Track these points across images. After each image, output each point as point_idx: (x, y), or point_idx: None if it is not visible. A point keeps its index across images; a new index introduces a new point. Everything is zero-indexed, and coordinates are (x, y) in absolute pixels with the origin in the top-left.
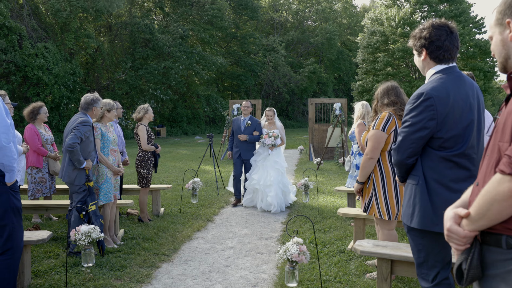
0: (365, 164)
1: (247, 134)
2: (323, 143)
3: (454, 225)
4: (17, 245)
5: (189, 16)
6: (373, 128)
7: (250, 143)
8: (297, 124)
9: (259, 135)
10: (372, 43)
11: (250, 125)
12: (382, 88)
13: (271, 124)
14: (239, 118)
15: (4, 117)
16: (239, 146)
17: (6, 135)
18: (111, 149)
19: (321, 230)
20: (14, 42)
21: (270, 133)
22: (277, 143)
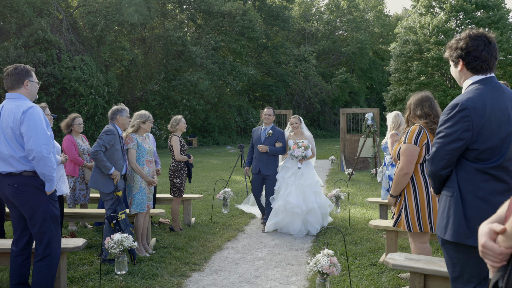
0: (400, 179)
1: (267, 145)
2: (354, 153)
3: (489, 241)
4: (55, 252)
5: (220, 27)
6: (404, 141)
7: (271, 156)
8: (328, 134)
9: (283, 147)
10: (405, 52)
11: (271, 135)
12: (416, 99)
13: (298, 134)
14: (259, 128)
15: (45, 129)
16: (258, 160)
17: (47, 146)
18: (147, 159)
19: (352, 242)
20: (53, 56)
21: (300, 143)
22: (307, 154)
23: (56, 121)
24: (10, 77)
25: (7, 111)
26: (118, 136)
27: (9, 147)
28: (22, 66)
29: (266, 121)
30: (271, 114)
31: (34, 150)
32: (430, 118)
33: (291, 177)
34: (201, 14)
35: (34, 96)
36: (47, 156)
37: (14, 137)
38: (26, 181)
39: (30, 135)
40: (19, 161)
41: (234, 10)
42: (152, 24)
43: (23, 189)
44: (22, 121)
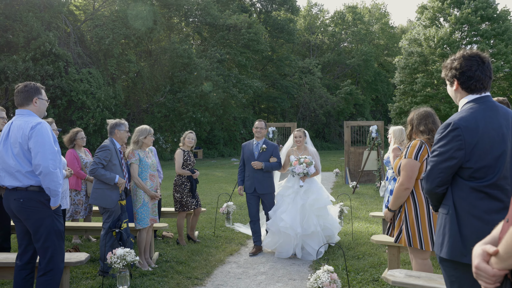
0: (400, 194)
1: (262, 161)
2: (359, 166)
3: (483, 262)
4: (58, 267)
5: (226, 40)
6: (405, 156)
7: (266, 173)
8: (333, 146)
9: (278, 162)
10: (410, 64)
11: (265, 150)
12: (419, 114)
13: (301, 149)
14: (251, 143)
15: (52, 144)
16: (252, 178)
17: (53, 161)
18: (150, 174)
19: (354, 256)
20: (61, 68)
21: (301, 159)
22: (310, 171)
23: (62, 133)
24: (20, 94)
25: (16, 126)
26: (115, 151)
27: (17, 162)
28: (32, 84)
29: (258, 135)
30: (263, 127)
31: (41, 165)
32: (432, 133)
33: (291, 195)
34: (207, 27)
35: (43, 113)
36: (54, 171)
37: (22, 152)
38: (32, 196)
39: (38, 150)
40: (25, 176)
41: (239, 23)
42: (158, 37)
43: (29, 204)
44: (30, 137)
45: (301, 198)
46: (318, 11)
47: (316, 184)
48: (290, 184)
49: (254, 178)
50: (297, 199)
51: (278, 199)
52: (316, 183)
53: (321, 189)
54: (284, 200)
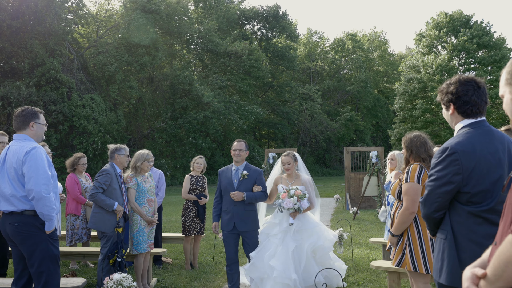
0: (405, 219)
1: (243, 190)
2: (359, 192)
3: (472, 286)
4: None
5: (227, 67)
6: (406, 181)
7: (249, 205)
8: (334, 172)
9: (263, 192)
10: (409, 90)
11: (247, 177)
12: (419, 140)
13: (292, 177)
14: (229, 169)
15: (46, 169)
16: (231, 212)
17: (46, 186)
18: (148, 198)
19: (355, 283)
20: (63, 94)
21: (292, 191)
22: (302, 206)
23: (63, 158)
24: (17, 119)
25: (12, 151)
26: (115, 175)
27: (12, 187)
28: (29, 108)
29: (237, 158)
30: (242, 149)
31: (33, 190)
32: (430, 159)
33: (279, 235)
34: (208, 54)
35: (41, 137)
36: (46, 196)
37: (17, 177)
38: (27, 220)
39: (31, 175)
40: (20, 200)
41: (240, 50)
42: (160, 64)
43: (24, 228)
44: (24, 162)
45: (292, 239)
46: (318, 39)
47: (311, 222)
48: (277, 221)
49: (234, 212)
50: (287, 240)
51: (262, 238)
52: (310, 220)
53: (318, 228)
54: (270, 241)
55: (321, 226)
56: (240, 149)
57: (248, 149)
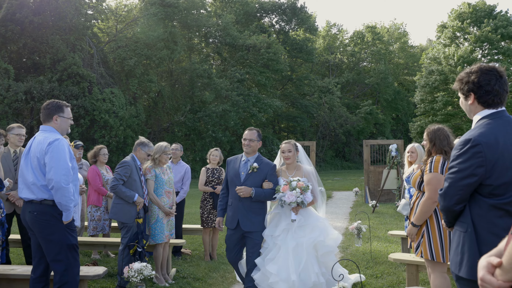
0: (427, 208)
1: (250, 185)
2: (378, 185)
3: (487, 274)
4: (74, 279)
5: (245, 60)
6: (430, 171)
7: (256, 203)
8: (353, 165)
9: (273, 189)
10: (430, 82)
11: (256, 170)
12: (442, 133)
13: (293, 168)
14: (238, 158)
15: (67, 161)
16: (236, 208)
17: (66, 177)
18: (166, 190)
19: (373, 275)
20: (84, 89)
21: (294, 182)
22: (306, 199)
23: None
24: (43, 111)
25: (37, 141)
26: (135, 167)
27: (33, 175)
28: (54, 102)
29: (247, 149)
30: (253, 139)
31: (53, 180)
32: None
33: (281, 235)
34: (227, 47)
35: (65, 130)
36: (65, 187)
37: (39, 166)
38: (45, 209)
39: (52, 165)
40: (40, 189)
41: (259, 43)
42: (179, 58)
43: (42, 217)
44: (46, 152)
45: (293, 236)
46: (338, 31)
47: (313, 216)
48: (280, 218)
49: (239, 208)
50: (288, 238)
51: (267, 240)
52: (313, 215)
53: (321, 223)
54: (274, 243)
55: (325, 222)
56: (251, 138)
57: (261, 138)
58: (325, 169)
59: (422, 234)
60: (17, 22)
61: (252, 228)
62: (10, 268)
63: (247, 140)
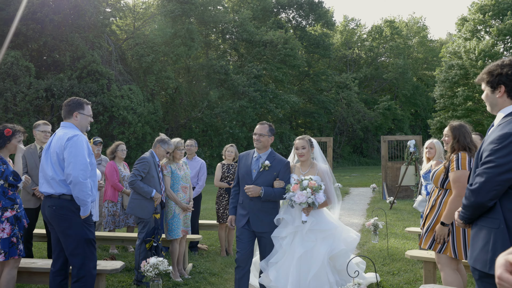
0: (458, 206)
1: (261, 184)
2: (396, 181)
3: (505, 272)
4: (90, 273)
5: (262, 56)
6: (457, 168)
7: (267, 203)
8: (371, 161)
9: (285, 188)
10: (450, 77)
11: (268, 168)
12: (465, 129)
13: (307, 165)
14: (250, 154)
15: (85, 156)
16: (247, 207)
17: (83, 172)
18: (182, 185)
19: (389, 272)
20: (103, 86)
21: (305, 181)
22: (318, 200)
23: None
24: (64, 108)
25: (57, 137)
26: (153, 163)
27: (53, 170)
28: (75, 99)
29: (257, 144)
30: (263, 134)
31: (71, 175)
32: (472, 149)
33: (287, 238)
34: (243, 43)
35: (84, 127)
36: (83, 182)
37: (58, 161)
38: (64, 204)
39: (70, 160)
40: (59, 184)
41: (276, 39)
42: (196, 54)
43: (60, 212)
44: (65, 147)
45: (302, 241)
46: (355, 26)
47: (326, 221)
48: (290, 218)
49: (250, 207)
50: (296, 243)
51: (274, 243)
52: (325, 219)
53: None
54: (279, 245)
55: (339, 228)
56: (261, 133)
57: (274, 133)
58: (343, 165)
59: (448, 232)
60: (38, 21)
61: (263, 228)
62: (32, 261)
63: (257, 135)
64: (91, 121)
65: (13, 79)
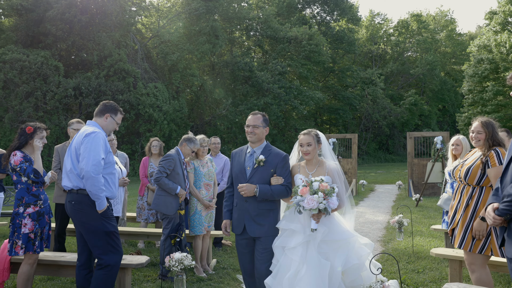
0: None
1: (257, 182)
2: (423, 178)
3: None
4: (115, 263)
5: (287, 52)
6: (499, 163)
7: (263, 203)
8: (398, 158)
9: (286, 185)
10: (479, 71)
11: (263, 163)
12: (495, 125)
13: (314, 164)
14: (243, 151)
15: (99, 152)
16: (241, 210)
17: (95, 167)
18: (204, 183)
19: (414, 270)
20: (129, 84)
21: (315, 183)
22: (331, 206)
23: (130, 144)
24: (100, 106)
25: (79, 133)
26: (179, 160)
27: (71, 163)
28: (113, 103)
29: (251, 137)
30: (257, 125)
31: (84, 169)
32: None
33: (298, 248)
34: (268, 40)
35: (109, 131)
36: (94, 176)
37: (76, 156)
38: (81, 198)
39: (85, 155)
40: (76, 178)
41: (300, 35)
42: (221, 51)
43: (78, 206)
44: (82, 142)
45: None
46: (381, 21)
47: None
48: (297, 225)
49: (245, 210)
50: (312, 253)
51: (277, 252)
52: (338, 227)
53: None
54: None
55: (353, 238)
56: (255, 124)
57: (268, 124)
58: (368, 161)
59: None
60: (66, 21)
61: (261, 233)
62: (60, 255)
63: (251, 126)
64: (116, 129)
65: (43, 79)
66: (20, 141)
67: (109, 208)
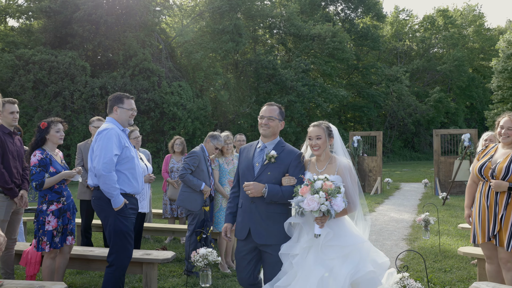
0: None
1: (265, 181)
2: (449, 176)
3: None
4: (121, 263)
5: (310, 50)
6: None
7: (273, 206)
8: (424, 156)
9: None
10: (509, 67)
11: (275, 160)
12: None
13: (324, 160)
14: (253, 146)
15: (111, 150)
16: (247, 212)
17: (106, 165)
18: (229, 180)
19: (441, 269)
20: (154, 83)
21: (318, 182)
22: (334, 208)
23: (154, 142)
24: (107, 104)
25: (97, 131)
26: (203, 157)
27: (91, 161)
28: (116, 94)
29: (264, 130)
30: (272, 117)
31: (95, 168)
32: None
33: (299, 256)
34: (291, 38)
35: (125, 121)
36: (105, 174)
37: (92, 153)
38: (100, 195)
39: (97, 153)
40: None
41: (323, 33)
42: (244, 49)
43: (98, 202)
44: (95, 140)
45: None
46: (407, 17)
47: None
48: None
49: (250, 212)
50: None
51: (284, 259)
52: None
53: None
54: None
55: (366, 243)
56: (270, 116)
57: (284, 118)
58: (393, 160)
59: None
60: (93, 22)
61: (268, 240)
62: (90, 249)
63: (265, 118)
64: (133, 114)
65: (70, 79)
66: (36, 138)
67: (127, 206)
